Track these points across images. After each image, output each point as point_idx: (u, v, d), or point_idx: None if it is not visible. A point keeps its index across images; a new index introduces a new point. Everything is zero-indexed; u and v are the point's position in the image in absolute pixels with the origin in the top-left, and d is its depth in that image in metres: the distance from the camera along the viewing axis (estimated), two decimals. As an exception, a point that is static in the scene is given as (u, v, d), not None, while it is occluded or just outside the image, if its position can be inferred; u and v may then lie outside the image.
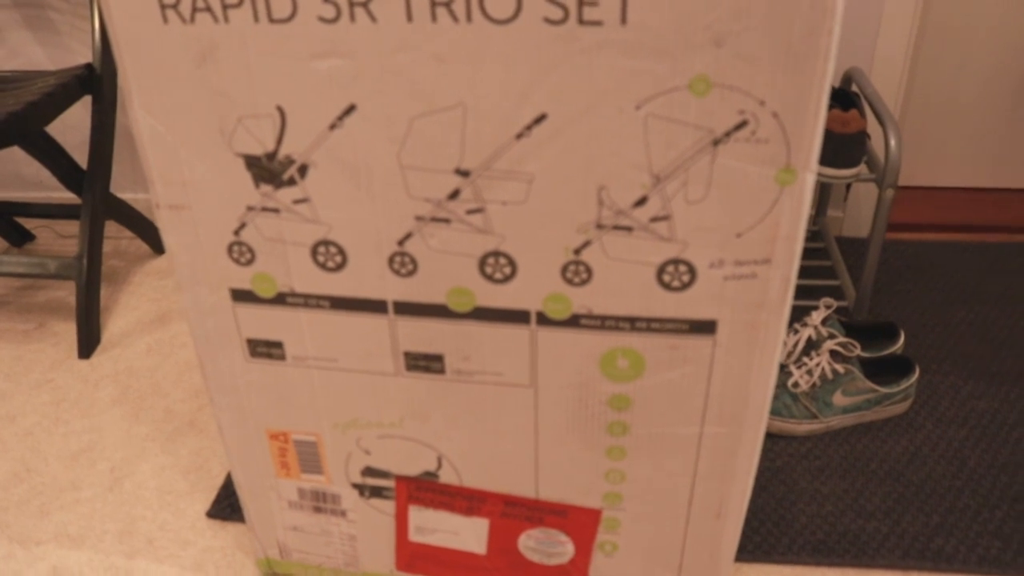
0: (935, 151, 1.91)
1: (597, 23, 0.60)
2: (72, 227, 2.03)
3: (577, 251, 0.71)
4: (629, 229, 0.69)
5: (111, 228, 2.02)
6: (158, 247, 1.91)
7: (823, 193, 1.81)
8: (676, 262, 0.70)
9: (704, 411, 0.80)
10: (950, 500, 1.19)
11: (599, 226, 0.70)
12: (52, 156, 1.63)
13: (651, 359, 0.77)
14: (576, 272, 0.73)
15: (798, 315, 1.38)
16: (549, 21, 0.60)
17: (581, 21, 0.60)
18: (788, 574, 1.10)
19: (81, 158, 1.69)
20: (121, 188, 2.00)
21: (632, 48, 0.61)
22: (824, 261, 1.72)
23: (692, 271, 0.71)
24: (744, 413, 0.79)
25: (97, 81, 1.59)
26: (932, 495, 1.20)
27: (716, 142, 0.64)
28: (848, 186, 1.79)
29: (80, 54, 1.84)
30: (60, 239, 1.99)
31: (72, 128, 1.92)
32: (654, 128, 0.64)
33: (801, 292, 1.56)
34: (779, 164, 0.64)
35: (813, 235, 1.82)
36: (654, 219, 0.68)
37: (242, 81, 0.69)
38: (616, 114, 0.64)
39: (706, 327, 0.74)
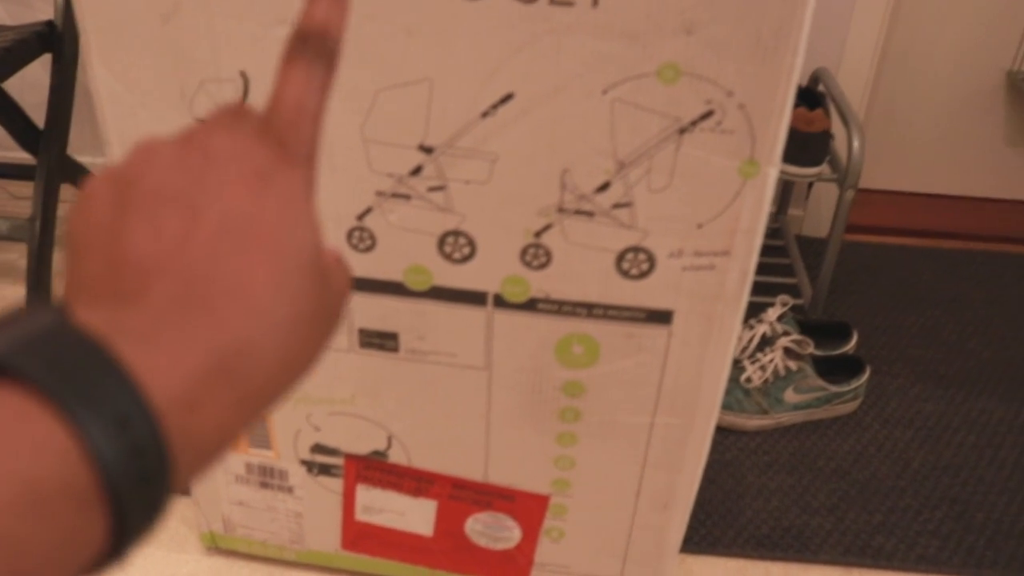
0: (896, 155, 1.93)
1: (568, 4, 0.59)
2: (26, 188, 1.98)
3: (537, 234, 0.71)
4: (590, 214, 0.69)
5: (67, 192, 1.98)
6: (114, 213, 1.86)
7: (785, 191, 1.83)
8: (636, 250, 0.70)
9: (656, 401, 0.80)
10: (893, 499, 1.21)
11: (561, 210, 0.69)
12: (7, 114, 1.59)
13: (606, 346, 0.77)
14: (535, 255, 0.72)
15: (754, 311, 1.39)
16: (520, 0, 0.60)
17: (552, 1, 0.60)
18: (732, 567, 1.11)
19: (39, 118, 1.65)
20: (80, 151, 1.95)
21: (602, 31, 0.60)
22: (783, 259, 1.74)
23: (651, 260, 0.71)
24: (696, 405, 0.80)
25: (58, 39, 1.55)
26: (876, 494, 1.22)
27: (682, 131, 0.64)
28: (810, 185, 1.80)
29: (42, 11, 1.79)
30: (13, 200, 1.95)
31: (31, 86, 1.87)
32: (620, 113, 0.64)
33: (758, 288, 1.56)
34: (743, 156, 0.65)
35: (773, 232, 1.83)
36: (616, 205, 0.68)
37: (205, 44, 0.67)
38: (583, 97, 0.63)
39: (662, 317, 0.74)
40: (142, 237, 0.26)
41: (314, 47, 0.30)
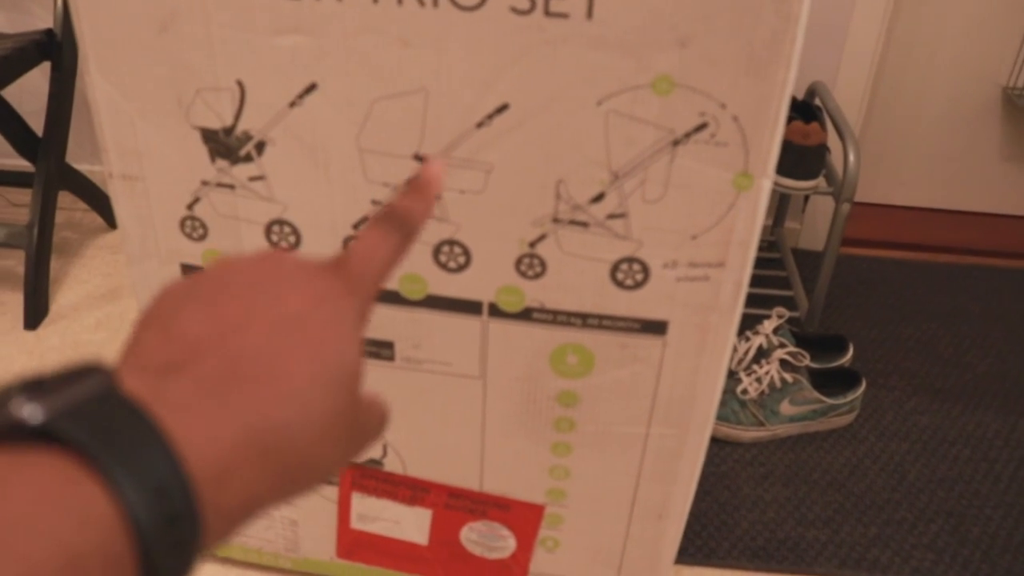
0: (892, 169, 1.94)
1: (563, 15, 0.60)
2: (24, 196, 1.98)
3: (532, 244, 0.71)
4: (585, 225, 0.69)
5: (65, 199, 1.98)
6: (112, 220, 1.87)
7: (781, 204, 1.83)
8: (630, 260, 0.71)
9: (651, 411, 0.80)
10: (888, 512, 1.21)
11: (555, 220, 0.70)
12: (6, 121, 1.60)
13: (601, 356, 0.77)
14: (530, 265, 0.72)
15: (750, 323, 1.40)
16: (516, 11, 0.60)
17: (548, 12, 0.60)
18: (726, 578, 1.11)
19: (38, 125, 1.65)
20: (78, 159, 1.96)
21: (597, 43, 0.61)
22: (779, 271, 1.74)
23: (646, 270, 0.71)
24: (691, 415, 0.80)
25: (57, 47, 1.56)
26: (871, 507, 1.22)
27: (676, 142, 0.64)
28: (806, 198, 1.81)
29: (42, 19, 1.80)
30: (11, 207, 1.95)
31: (30, 94, 1.88)
32: (615, 125, 0.64)
33: (755, 301, 1.57)
34: (737, 168, 0.65)
35: (770, 245, 1.84)
36: (611, 216, 0.69)
37: (202, 53, 0.68)
38: (578, 108, 0.64)
39: (657, 327, 0.74)
40: (200, 319, 0.28)
41: (397, 220, 0.35)
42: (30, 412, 0.22)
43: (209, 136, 0.72)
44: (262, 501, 0.27)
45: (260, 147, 0.71)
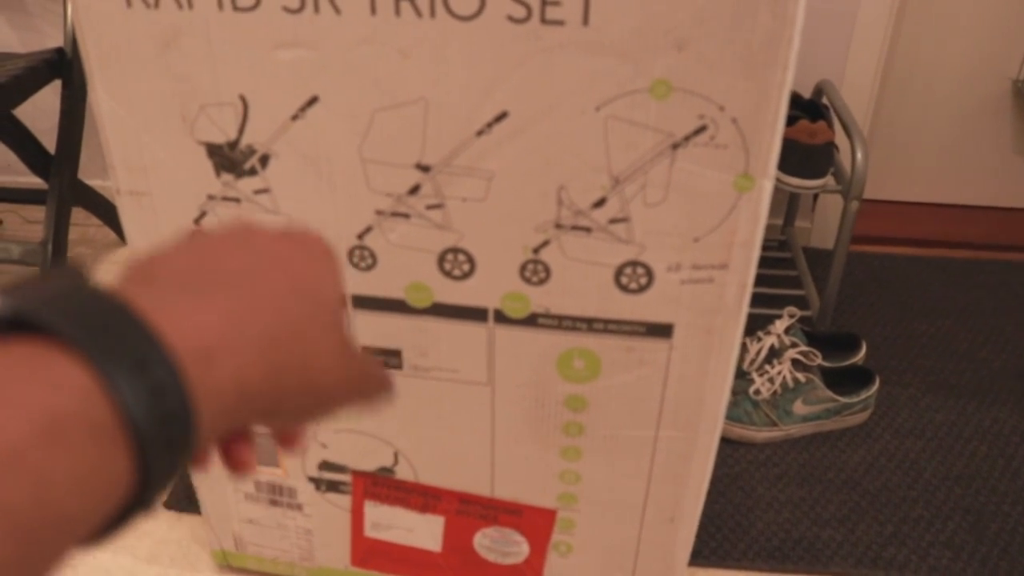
0: (902, 166, 1.93)
1: (559, 23, 0.60)
2: (39, 212, 2.00)
3: (536, 250, 0.72)
4: (588, 230, 0.70)
5: (79, 215, 2.00)
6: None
7: (791, 203, 1.83)
8: (634, 264, 0.71)
9: (659, 414, 0.80)
10: (904, 510, 1.20)
11: (558, 226, 0.70)
12: (19, 140, 1.61)
13: (607, 360, 0.77)
14: (534, 271, 0.73)
15: (762, 323, 1.39)
16: (512, 19, 0.61)
17: (544, 20, 0.60)
18: (742, 579, 1.11)
19: (51, 143, 1.67)
20: (90, 175, 1.98)
21: (594, 49, 0.61)
22: (790, 271, 1.73)
23: (650, 274, 0.71)
24: (699, 417, 0.80)
25: (67, 66, 1.58)
26: (887, 505, 1.21)
27: (675, 146, 0.64)
28: (815, 197, 1.81)
29: (52, 38, 1.82)
30: (26, 224, 1.97)
31: (43, 112, 1.90)
32: (614, 130, 0.64)
33: (766, 300, 1.57)
34: (737, 170, 0.65)
35: (781, 245, 1.83)
36: (613, 220, 0.69)
37: (205, 69, 0.68)
38: (577, 114, 0.64)
39: (662, 330, 0.74)
40: (184, 257, 0.29)
41: None
42: (2, 305, 0.23)
43: (213, 151, 0.73)
44: (259, 396, 0.27)
45: (264, 160, 0.72)
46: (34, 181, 2.02)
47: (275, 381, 0.28)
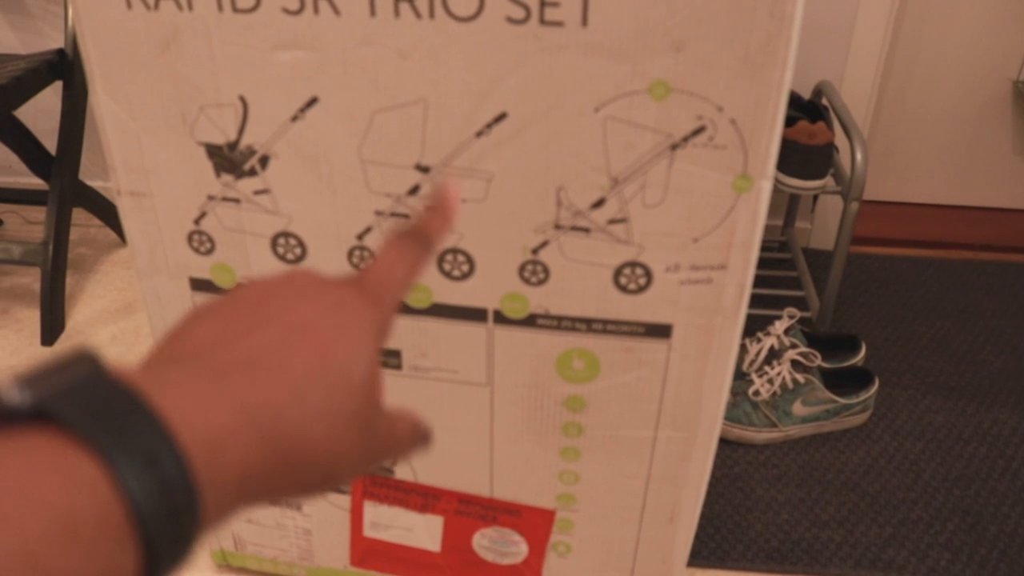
0: (902, 167, 1.94)
1: (558, 24, 0.60)
2: (40, 213, 2.01)
3: (535, 251, 0.72)
4: (587, 230, 0.70)
5: (80, 216, 2.00)
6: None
7: (792, 204, 1.83)
8: (633, 265, 0.71)
9: (658, 415, 0.81)
10: (904, 512, 1.20)
11: (557, 226, 0.70)
12: (20, 141, 1.62)
13: (606, 361, 0.77)
14: (533, 272, 0.73)
15: (762, 324, 1.40)
16: (511, 20, 0.61)
17: (543, 21, 0.61)
18: (741, 580, 1.11)
19: (52, 144, 1.67)
20: (91, 176, 1.98)
21: (592, 50, 0.61)
22: (790, 272, 1.74)
23: (648, 274, 0.71)
24: (698, 418, 0.80)
25: (68, 67, 1.58)
26: (886, 506, 1.21)
27: (674, 147, 0.65)
28: (815, 198, 1.81)
29: (53, 39, 1.82)
30: (27, 225, 1.98)
31: (44, 113, 1.90)
32: (613, 131, 0.64)
33: (766, 301, 1.57)
34: (736, 171, 0.65)
35: (781, 245, 1.83)
36: (612, 221, 0.69)
37: (205, 70, 0.69)
38: (576, 115, 0.64)
39: (661, 331, 0.75)
40: (211, 327, 0.29)
41: (414, 235, 0.36)
42: (20, 398, 0.23)
43: (213, 151, 0.73)
44: (262, 482, 0.27)
45: (264, 161, 0.72)
46: (35, 182, 2.03)
47: (288, 476, 0.28)
